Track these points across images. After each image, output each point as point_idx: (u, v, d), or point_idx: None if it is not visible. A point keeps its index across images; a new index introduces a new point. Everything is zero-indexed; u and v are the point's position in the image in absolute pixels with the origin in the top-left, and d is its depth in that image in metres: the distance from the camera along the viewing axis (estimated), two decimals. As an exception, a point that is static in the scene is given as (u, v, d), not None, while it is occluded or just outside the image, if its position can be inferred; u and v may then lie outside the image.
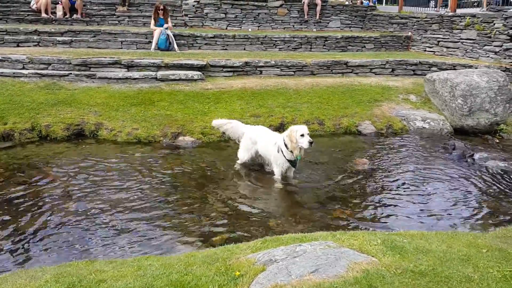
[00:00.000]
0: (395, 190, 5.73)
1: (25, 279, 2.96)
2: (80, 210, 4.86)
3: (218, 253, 3.40)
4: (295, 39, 12.76)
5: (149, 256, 3.62)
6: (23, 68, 8.87)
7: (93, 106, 7.93)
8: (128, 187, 5.52)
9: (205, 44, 12.18)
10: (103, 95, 8.27)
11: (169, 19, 11.66)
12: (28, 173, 5.86)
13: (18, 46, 10.60)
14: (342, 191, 5.59)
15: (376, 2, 25.20)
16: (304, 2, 14.76)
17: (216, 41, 12.27)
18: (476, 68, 9.69)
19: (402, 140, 7.88)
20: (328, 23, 15.32)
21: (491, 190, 5.74)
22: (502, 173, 6.27)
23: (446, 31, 11.95)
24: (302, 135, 5.24)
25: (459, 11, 13.01)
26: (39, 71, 8.71)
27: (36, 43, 10.83)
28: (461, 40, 11.40)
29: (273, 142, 5.66)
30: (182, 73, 9.20)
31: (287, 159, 5.52)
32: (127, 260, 3.48)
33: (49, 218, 4.65)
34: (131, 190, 5.43)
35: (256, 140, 5.95)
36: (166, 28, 11.23)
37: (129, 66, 9.23)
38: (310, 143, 5.22)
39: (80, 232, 4.40)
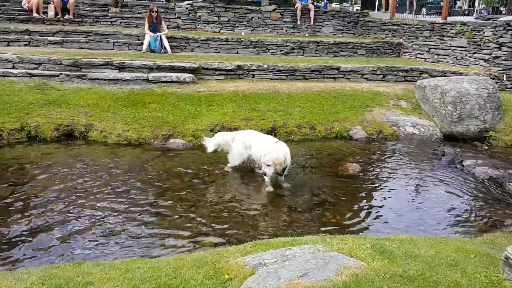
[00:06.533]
0: (385, 195, 5.76)
1: (11, 281, 2.91)
2: (68, 212, 4.80)
3: (207, 256, 3.38)
4: (287, 44, 12.80)
5: (138, 259, 3.59)
6: (13, 67, 8.76)
7: (83, 107, 7.87)
8: (117, 189, 5.48)
9: (198, 46, 12.16)
10: (94, 96, 8.21)
11: (163, 22, 11.62)
12: (16, 174, 5.78)
13: (8, 45, 10.47)
14: (333, 195, 5.61)
15: (328, 4, 25.60)
16: (297, 7, 14.85)
17: (209, 44, 12.26)
18: (466, 75, 9.80)
19: (392, 146, 7.93)
20: (320, 28, 15.43)
21: (479, 196, 5.80)
22: (490, 179, 6.34)
23: (437, 38, 12.08)
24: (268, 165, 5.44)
25: (450, 18, 13.16)
26: (29, 71, 8.62)
27: (26, 43, 10.72)
28: (451, 48, 11.52)
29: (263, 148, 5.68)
30: (174, 75, 9.17)
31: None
32: (115, 263, 3.44)
33: (36, 219, 4.59)
34: (120, 192, 5.39)
35: (250, 145, 5.94)
36: (158, 36, 11.15)
37: (121, 67, 9.17)
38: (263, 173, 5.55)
39: (67, 234, 4.35)
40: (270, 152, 5.37)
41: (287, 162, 5.58)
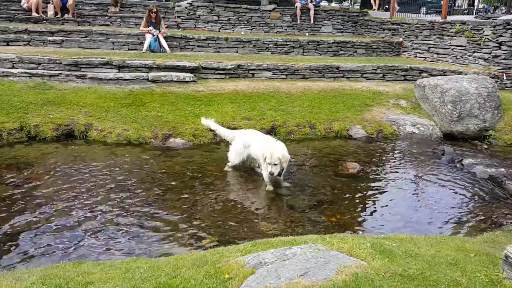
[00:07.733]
0: (385, 194, 5.76)
1: (11, 281, 2.91)
2: (67, 211, 4.80)
3: (208, 255, 3.38)
4: (287, 43, 12.80)
5: (138, 259, 3.59)
6: (13, 67, 8.76)
7: (83, 106, 7.87)
8: (117, 188, 5.48)
9: (198, 46, 12.16)
10: (94, 96, 8.21)
11: (162, 22, 11.62)
12: (16, 174, 5.78)
13: (7, 45, 10.48)
14: (333, 195, 5.61)
15: (320, 2, 25.75)
16: (296, 7, 14.86)
17: (208, 43, 12.26)
18: (466, 74, 9.80)
19: (392, 145, 7.94)
20: (320, 27, 15.43)
21: (479, 195, 5.80)
22: (490, 178, 6.33)
23: (436, 38, 12.08)
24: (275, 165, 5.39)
25: (450, 18, 13.16)
26: (29, 71, 8.62)
27: (26, 42, 10.72)
28: (451, 47, 11.52)
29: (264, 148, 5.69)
30: (173, 75, 9.17)
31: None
32: (115, 262, 3.44)
33: (36, 219, 4.59)
34: (120, 192, 5.39)
35: (250, 144, 5.96)
36: (156, 34, 11.17)
37: (120, 67, 9.17)
38: (271, 173, 5.41)
39: (67, 233, 4.35)
40: (275, 152, 5.35)
41: None
